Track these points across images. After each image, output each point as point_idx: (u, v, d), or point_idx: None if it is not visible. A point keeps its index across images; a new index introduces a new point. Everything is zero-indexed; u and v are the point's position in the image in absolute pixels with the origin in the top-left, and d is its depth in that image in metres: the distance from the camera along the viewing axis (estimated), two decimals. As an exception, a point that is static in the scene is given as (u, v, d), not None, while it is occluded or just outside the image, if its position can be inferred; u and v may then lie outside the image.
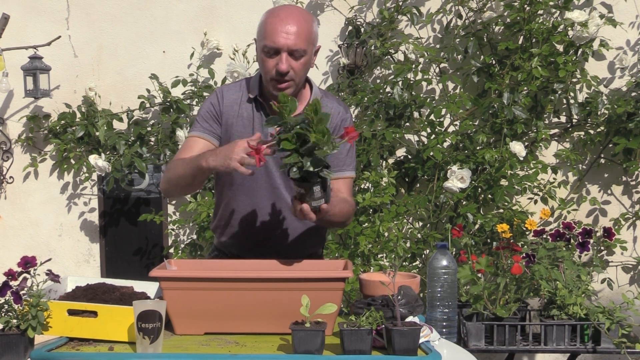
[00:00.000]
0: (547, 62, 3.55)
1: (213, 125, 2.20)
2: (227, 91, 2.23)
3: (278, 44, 2.06)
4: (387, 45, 3.66)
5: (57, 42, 3.94)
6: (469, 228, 3.50)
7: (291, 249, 2.23)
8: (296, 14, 2.10)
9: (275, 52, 2.07)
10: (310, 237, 2.30)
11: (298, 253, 2.22)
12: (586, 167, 3.78)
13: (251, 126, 2.18)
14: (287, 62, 2.06)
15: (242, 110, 2.19)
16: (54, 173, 4.06)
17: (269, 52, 2.08)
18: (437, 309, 2.11)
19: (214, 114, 2.20)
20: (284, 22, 2.06)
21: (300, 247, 2.27)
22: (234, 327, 1.90)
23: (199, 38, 3.91)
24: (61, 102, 3.97)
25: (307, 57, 2.11)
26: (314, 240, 2.34)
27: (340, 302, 1.89)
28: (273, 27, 2.07)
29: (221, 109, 2.20)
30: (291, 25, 2.06)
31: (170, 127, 3.82)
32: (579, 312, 2.47)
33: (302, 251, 2.26)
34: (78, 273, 4.00)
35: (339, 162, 2.21)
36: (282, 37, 2.05)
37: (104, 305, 1.86)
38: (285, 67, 2.06)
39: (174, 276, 1.91)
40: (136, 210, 3.96)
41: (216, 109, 2.20)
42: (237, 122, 2.19)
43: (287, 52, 2.06)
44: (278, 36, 2.05)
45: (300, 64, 2.09)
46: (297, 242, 2.27)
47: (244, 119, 2.19)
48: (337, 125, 2.21)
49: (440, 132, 3.60)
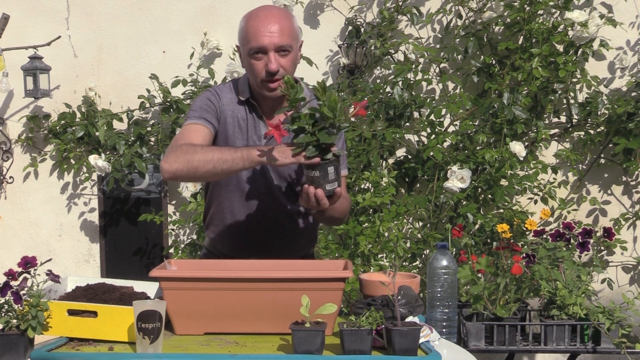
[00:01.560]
0: (547, 62, 3.55)
1: (212, 120, 2.17)
2: (222, 91, 2.23)
3: (264, 43, 2.07)
4: (387, 46, 3.67)
5: (57, 42, 3.94)
6: (469, 228, 3.50)
7: (284, 250, 2.22)
8: (275, 12, 2.12)
9: (263, 52, 2.08)
10: (302, 237, 2.31)
11: (290, 254, 2.22)
12: (586, 167, 3.78)
13: (245, 127, 2.19)
14: (276, 61, 2.07)
15: (235, 111, 2.20)
16: (54, 173, 4.06)
17: (256, 53, 2.09)
18: (437, 309, 2.11)
19: (214, 109, 2.19)
20: (266, 22, 2.08)
21: (292, 248, 2.27)
22: (234, 327, 1.90)
23: (199, 38, 3.91)
24: (61, 102, 3.97)
25: (294, 53, 2.12)
26: (307, 241, 2.34)
27: (340, 302, 1.88)
28: (256, 29, 2.08)
29: (220, 107, 2.20)
30: (273, 24, 2.07)
31: (170, 127, 3.82)
32: (579, 312, 2.47)
33: (295, 252, 2.26)
34: (78, 273, 4.01)
35: None
36: (266, 36, 2.07)
37: (104, 305, 1.86)
38: (275, 65, 2.07)
39: (174, 276, 1.91)
40: (136, 210, 3.96)
41: (215, 105, 2.19)
42: (233, 122, 2.20)
43: (274, 51, 2.07)
44: (263, 36, 2.07)
45: (288, 61, 2.10)
46: (289, 243, 2.27)
47: (238, 120, 2.20)
48: None
49: (440, 132, 3.60)
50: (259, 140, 2.18)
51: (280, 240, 2.25)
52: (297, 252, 2.28)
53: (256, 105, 2.20)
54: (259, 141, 2.18)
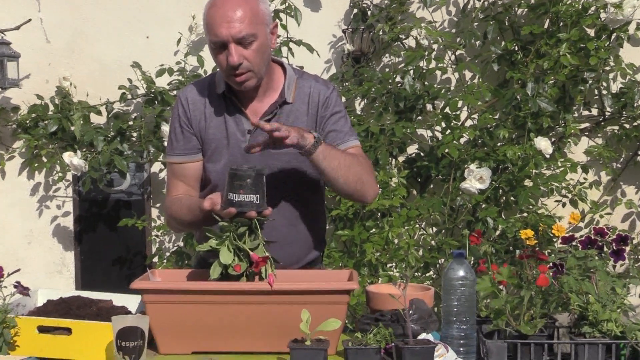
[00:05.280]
0: (576, 48, 3.55)
1: (188, 144, 2.25)
2: (191, 92, 2.27)
3: (221, 35, 2.07)
4: (396, 30, 3.66)
5: (27, 25, 3.94)
6: (488, 234, 3.50)
7: (283, 258, 2.20)
8: None
9: (222, 45, 2.09)
10: (304, 244, 2.29)
11: (290, 262, 2.21)
12: (621, 166, 3.78)
13: (224, 125, 2.21)
14: (237, 53, 2.08)
15: (211, 110, 2.23)
16: (23, 172, 4.06)
17: (216, 46, 2.10)
18: (454, 325, 2.10)
19: (186, 125, 2.25)
20: (223, 10, 2.08)
21: (292, 255, 2.25)
22: (225, 346, 1.89)
23: (187, 22, 3.91)
24: (32, 93, 3.97)
25: (261, 41, 2.11)
26: (309, 248, 2.32)
27: (345, 317, 1.88)
28: (213, 19, 2.09)
29: (189, 117, 2.24)
30: (231, 11, 2.07)
31: (155, 121, 3.82)
32: (614, 329, 2.46)
33: (295, 260, 2.26)
34: (50, 285, 4.00)
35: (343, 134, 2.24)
36: (224, 27, 2.07)
37: (79, 321, 1.86)
38: (235, 59, 2.07)
39: (158, 288, 1.91)
40: (116, 215, 3.96)
41: (184, 119, 2.25)
42: (210, 124, 2.23)
43: (234, 43, 2.08)
44: (220, 27, 2.07)
45: (253, 51, 2.10)
46: (289, 250, 2.25)
47: (215, 119, 2.23)
48: (320, 105, 2.23)
49: (456, 126, 3.60)
50: (242, 135, 2.19)
51: (279, 247, 2.24)
52: (298, 260, 2.28)
53: (234, 98, 2.21)
54: (242, 137, 2.19)
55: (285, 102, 2.20)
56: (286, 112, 2.20)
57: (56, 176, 4.00)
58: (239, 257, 1.94)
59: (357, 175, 2.16)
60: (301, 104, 2.22)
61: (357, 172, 2.16)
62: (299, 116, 2.20)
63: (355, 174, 2.15)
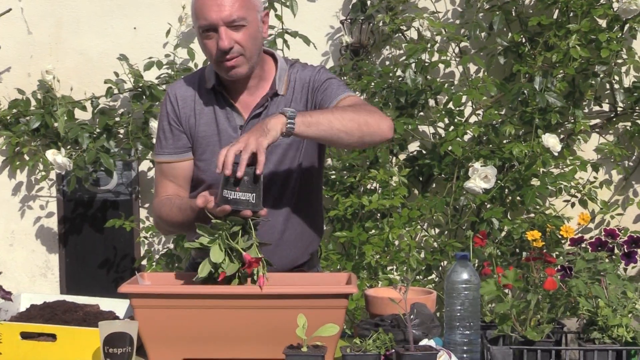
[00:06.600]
0: (587, 40, 3.56)
1: (177, 142, 2.25)
2: (180, 88, 2.28)
3: (211, 19, 2.09)
4: (397, 21, 3.67)
5: (6, 16, 3.94)
6: (494, 236, 3.51)
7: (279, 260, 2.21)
8: None
9: (213, 29, 2.11)
10: (301, 244, 2.31)
11: (287, 264, 2.23)
12: (633, 164, 3.79)
13: (214, 122, 2.23)
14: (227, 37, 2.10)
15: (200, 105, 2.25)
16: (4, 171, 4.06)
17: (207, 32, 2.12)
18: (457, 330, 2.11)
19: (175, 123, 2.26)
20: None
21: (289, 256, 2.27)
22: (217, 353, 1.89)
23: (177, 12, 3.91)
24: (12, 88, 3.96)
25: (253, 27, 2.14)
26: (306, 249, 2.34)
27: (343, 322, 1.89)
28: (202, 3, 2.11)
29: (178, 114, 2.26)
30: None
31: (143, 117, 3.82)
32: (625, 335, 2.47)
33: (292, 261, 2.27)
34: (33, 289, 4.00)
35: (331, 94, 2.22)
36: (213, 11, 2.09)
37: (64, 326, 1.86)
38: (226, 42, 2.09)
39: (147, 292, 1.91)
40: (102, 215, 3.96)
41: (173, 117, 2.26)
42: (200, 121, 2.24)
43: (225, 26, 2.10)
44: (210, 11, 2.09)
45: (245, 35, 2.12)
46: (285, 251, 2.26)
47: (205, 115, 2.24)
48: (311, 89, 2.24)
49: (460, 123, 3.61)
50: (235, 132, 2.20)
51: (273, 246, 2.25)
52: (295, 260, 2.29)
53: (224, 92, 2.23)
54: (234, 133, 2.20)
55: (276, 94, 2.22)
56: (277, 104, 2.21)
57: (39, 175, 4.00)
58: (230, 257, 1.95)
59: (355, 121, 2.09)
60: (293, 94, 2.23)
61: (354, 118, 2.09)
62: (293, 107, 2.20)
63: (352, 120, 2.08)
